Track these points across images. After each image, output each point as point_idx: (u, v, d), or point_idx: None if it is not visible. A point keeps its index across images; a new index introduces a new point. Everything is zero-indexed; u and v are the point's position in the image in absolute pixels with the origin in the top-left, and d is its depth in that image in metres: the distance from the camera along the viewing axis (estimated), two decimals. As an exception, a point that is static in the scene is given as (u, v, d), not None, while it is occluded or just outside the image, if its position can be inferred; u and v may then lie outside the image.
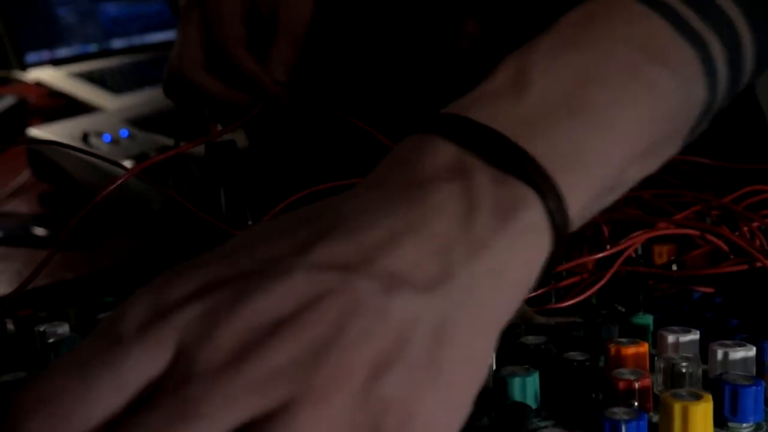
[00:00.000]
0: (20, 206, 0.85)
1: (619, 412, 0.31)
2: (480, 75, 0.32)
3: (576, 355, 0.36)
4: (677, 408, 0.31)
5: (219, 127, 0.54)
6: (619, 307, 0.43)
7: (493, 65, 0.32)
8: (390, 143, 0.50)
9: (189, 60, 0.57)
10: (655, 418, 0.33)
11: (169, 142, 0.81)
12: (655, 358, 0.36)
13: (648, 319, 0.41)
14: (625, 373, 0.34)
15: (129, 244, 0.77)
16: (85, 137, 0.85)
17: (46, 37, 1.15)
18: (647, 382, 0.34)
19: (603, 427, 0.30)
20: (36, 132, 0.88)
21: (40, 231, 0.80)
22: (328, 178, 0.50)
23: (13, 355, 0.42)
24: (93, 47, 1.20)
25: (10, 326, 0.46)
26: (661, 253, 0.48)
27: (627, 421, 0.30)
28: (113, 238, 0.76)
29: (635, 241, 0.41)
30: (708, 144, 0.57)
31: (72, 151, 0.82)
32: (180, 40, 0.58)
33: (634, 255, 0.42)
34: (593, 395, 0.36)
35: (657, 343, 0.38)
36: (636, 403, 0.33)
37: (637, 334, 0.40)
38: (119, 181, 0.41)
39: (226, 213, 0.53)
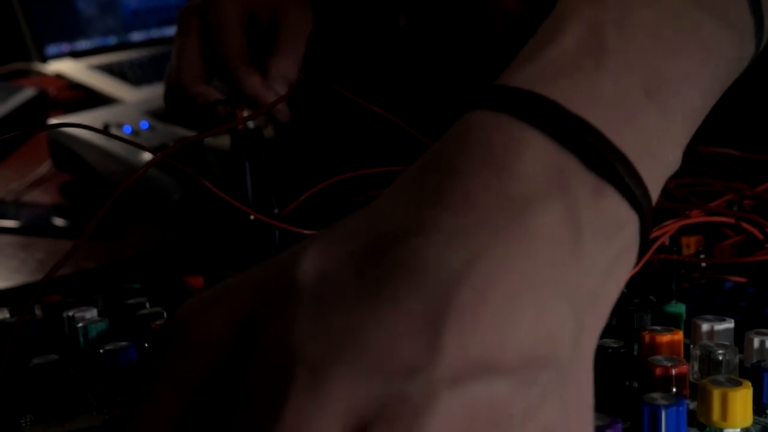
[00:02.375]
0: (41, 196, 0.85)
1: (657, 398, 0.31)
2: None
3: (610, 343, 0.35)
4: (716, 394, 0.31)
5: (245, 113, 0.54)
6: (651, 297, 0.42)
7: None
8: (416, 133, 0.50)
9: (188, 71, 0.55)
10: (692, 406, 0.33)
11: (189, 134, 0.81)
12: (691, 346, 0.36)
13: (681, 308, 0.40)
14: (662, 359, 0.34)
15: (149, 234, 0.76)
16: (105, 129, 0.85)
17: (66, 30, 1.15)
18: (684, 368, 0.33)
19: (642, 412, 0.30)
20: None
21: (60, 221, 0.80)
22: (355, 166, 0.50)
23: (42, 340, 0.42)
24: (112, 40, 1.20)
25: (38, 312, 0.46)
26: (689, 244, 0.47)
27: (666, 407, 0.30)
28: (134, 228, 0.76)
29: (668, 229, 0.41)
30: (734, 135, 0.56)
31: (92, 142, 0.82)
32: (178, 49, 0.56)
33: (666, 243, 0.42)
34: (627, 383, 0.35)
35: (691, 332, 0.38)
36: (674, 389, 0.32)
37: (670, 322, 0.39)
38: (149, 164, 0.41)
39: (253, 201, 0.53)
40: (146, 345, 0.39)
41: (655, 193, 0.27)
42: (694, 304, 0.42)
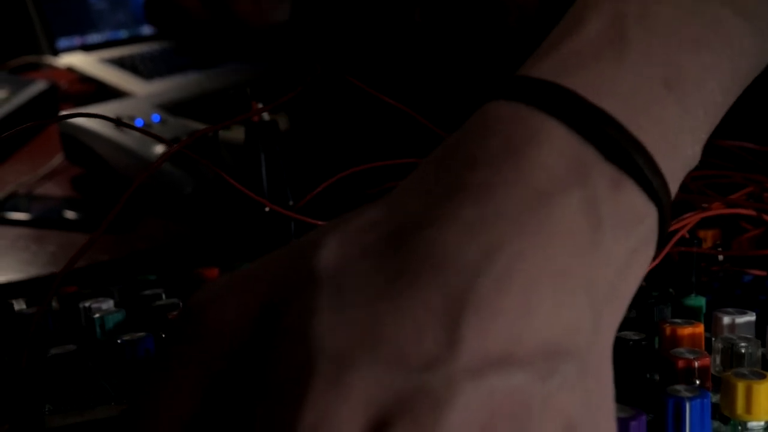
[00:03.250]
0: (53, 189, 0.85)
1: (681, 390, 0.30)
2: (529, 53, 0.30)
3: (631, 335, 0.35)
4: (741, 387, 0.31)
5: (260, 106, 0.53)
6: (670, 290, 0.42)
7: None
8: (432, 126, 0.49)
9: None
10: (714, 399, 0.32)
11: (202, 126, 0.80)
12: (713, 339, 0.36)
13: (701, 301, 0.40)
14: (684, 352, 0.34)
15: (162, 227, 0.77)
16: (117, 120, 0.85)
17: (77, 23, 1.15)
18: (707, 361, 0.33)
19: (666, 405, 0.30)
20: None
21: (71, 214, 0.80)
22: (369, 158, 0.50)
23: (59, 330, 0.42)
24: (124, 33, 1.20)
25: (54, 303, 0.46)
26: (706, 238, 0.47)
27: (691, 399, 0.30)
28: (146, 221, 0.76)
29: (688, 221, 0.40)
30: (752, 128, 0.56)
31: (104, 135, 0.82)
32: None
33: (687, 236, 0.41)
34: (648, 375, 0.35)
35: (712, 325, 0.38)
36: (697, 382, 0.32)
37: (690, 316, 0.39)
38: (166, 155, 0.40)
39: (268, 192, 0.53)
40: (163, 336, 0.39)
41: (674, 186, 0.27)
42: (714, 297, 0.41)
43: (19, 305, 0.45)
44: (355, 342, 0.21)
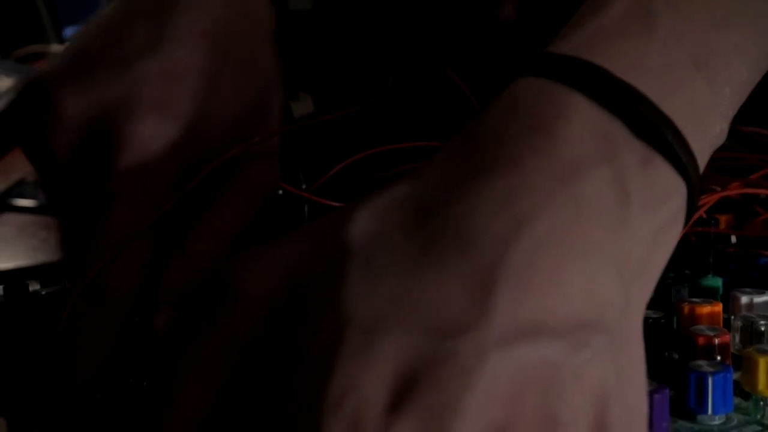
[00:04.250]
0: (61, 177, 0.85)
1: (703, 365, 0.30)
2: (524, 46, 0.30)
3: (650, 313, 0.35)
4: (763, 362, 0.31)
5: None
6: (686, 271, 0.42)
7: (540, 36, 0.29)
8: (475, 102, 0.49)
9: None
10: (734, 376, 0.32)
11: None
12: (732, 318, 0.36)
13: (718, 282, 0.40)
14: (704, 329, 0.34)
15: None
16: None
17: (83, 12, 1.15)
18: (727, 338, 0.33)
19: (688, 379, 0.30)
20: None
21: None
22: (384, 141, 0.50)
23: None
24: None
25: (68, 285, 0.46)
26: (720, 222, 0.47)
27: (713, 374, 0.30)
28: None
29: (707, 200, 0.40)
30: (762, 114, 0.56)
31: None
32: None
33: (704, 216, 0.41)
34: (667, 353, 0.35)
35: (729, 305, 0.38)
36: (718, 358, 0.32)
37: (707, 296, 0.39)
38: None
39: (281, 176, 0.52)
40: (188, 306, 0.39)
41: (702, 163, 0.27)
42: (730, 278, 0.41)
43: (33, 286, 0.45)
44: (385, 310, 0.21)
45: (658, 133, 0.25)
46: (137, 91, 0.34)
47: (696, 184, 0.26)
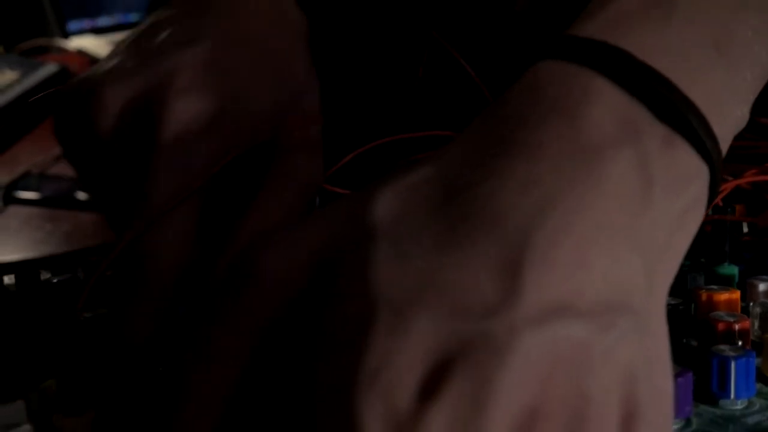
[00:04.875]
0: (66, 170, 0.85)
1: (726, 349, 0.30)
2: (538, 36, 0.30)
3: (668, 300, 0.35)
4: (784, 347, 0.30)
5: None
6: (702, 259, 0.42)
7: (553, 26, 0.29)
8: (490, 97, 0.49)
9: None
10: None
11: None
12: (751, 304, 0.36)
13: (733, 270, 0.40)
14: (723, 315, 0.33)
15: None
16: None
17: (88, 6, 1.15)
18: (747, 323, 0.33)
19: (711, 364, 0.30)
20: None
21: (83, 195, 0.80)
22: (395, 130, 0.50)
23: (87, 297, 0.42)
24: (134, 16, 1.20)
25: (80, 273, 0.46)
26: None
27: (736, 358, 0.29)
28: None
29: (723, 188, 0.40)
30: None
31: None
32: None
33: (720, 204, 0.41)
34: (685, 340, 0.35)
35: (747, 292, 0.38)
36: (739, 343, 0.32)
37: (723, 284, 0.39)
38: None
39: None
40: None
41: (724, 147, 0.27)
42: (745, 266, 0.41)
43: (44, 275, 0.45)
44: (415, 290, 0.21)
45: (680, 116, 0.25)
46: (175, 75, 0.35)
47: (719, 168, 0.26)
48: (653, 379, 0.23)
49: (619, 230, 0.23)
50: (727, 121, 0.27)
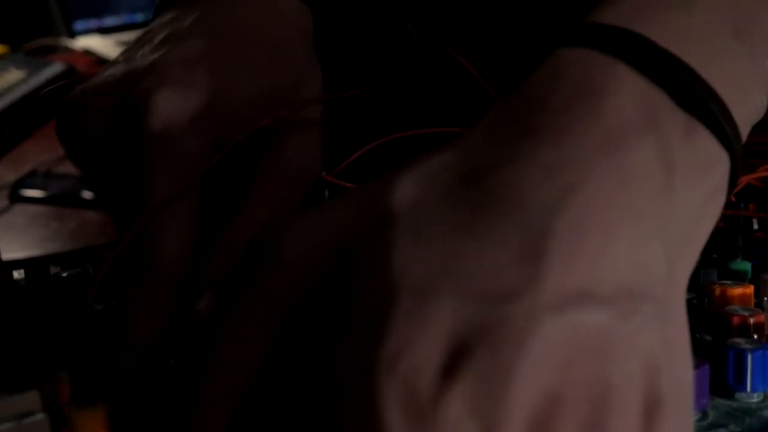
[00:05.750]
0: (72, 168, 0.85)
1: (742, 342, 0.30)
2: (544, 33, 0.30)
3: (681, 294, 0.35)
4: (801, 340, 0.30)
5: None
6: (714, 255, 0.42)
7: (560, 20, 0.30)
8: (493, 93, 0.49)
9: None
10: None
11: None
12: (765, 299, 0.35)
13: (746, 266, 0.40)
14: (738, 309, 0.33)
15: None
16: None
17: (94, 6, 1.15)
18: (762, 318, 0.33)
19: (727, 356, 0.29)
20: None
21: (88, 194, 0.80)
22: (405, 126, 0.50)
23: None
24: (140, 17, 1.20)
25: (90, 268, 0.46)
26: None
27: (753, 350, 0.29)
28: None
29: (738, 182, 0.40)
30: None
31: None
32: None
33: (733, 199, 0.41)
34: (698, 335, 0.35)
35: (760, 287, 0.37)
36: (756, 336, 0.32)
37: (735, 279, 0.39)
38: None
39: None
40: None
41: (743, 135, 0.27)
42: (759, 262, 0.41)
43: (54, 269, 0.45)
44: (435, 274, 0.21)
45: (701, 102, 0.25)
46: (156, 72, 0.35)
47: (739, 155, 0.26)
48: (674, 369, 0.22)
49: (642, 218, 0.23)
50: (747, 109, 0.27)
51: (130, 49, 0.38)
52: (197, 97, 0.35)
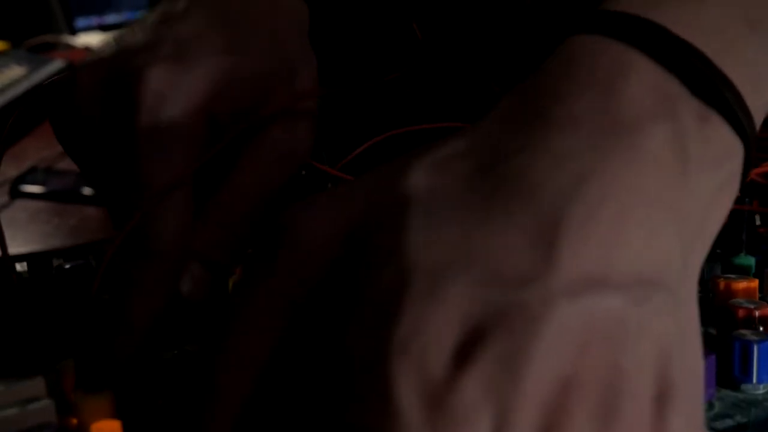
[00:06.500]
0: (72, 164, 0.85)
1: (747, 334, 0.30)
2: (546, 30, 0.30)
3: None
4: (807, 332, 0.30)
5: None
6: (717, 250, 0.42)
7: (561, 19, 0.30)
8: (497, 88, 0.49)
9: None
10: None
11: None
12: (769, 294, 0.36)
13: (750, 260, 0.40)
14: (743, 302, 0.33)
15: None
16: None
17: (95, 3, 1.15)
18: (767, 310, 0.33)
19: (733, 347, 0.29)
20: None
21: (88, 190, 0.80)
22: (408, 121, 0.50)
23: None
24: (141, 13, 1.20)
25: (93, 261, 0.46)
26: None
27: (759, 342, 0.29)
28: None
29: (741, 178, 0.40)
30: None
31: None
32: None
33: (738, 194, 0.41)
34: (703, 329, 0.35)
35: (764, 282, 0.37)
36: (761, 329, 0.32)
37: (739, 274, 0.39)
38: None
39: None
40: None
41: (757, 124, 0.26)
42: (762, 257, 0.41)
43: (57, 261, 0.45)
44: (450, 258, 0.21)
45: (716, 91, 0.25)
46: (152, 50, 0.35)
47: (753, 144, 0.26)
48: (686, 355, 0.22)
49: (656, 205, 0.23)
50: (760, 98, 0.27)
51: (123, 33, 0.38)
52: (191, 73, 0.35)
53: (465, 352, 0.20)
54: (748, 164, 0.26)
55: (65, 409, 0.27)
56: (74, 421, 0.27)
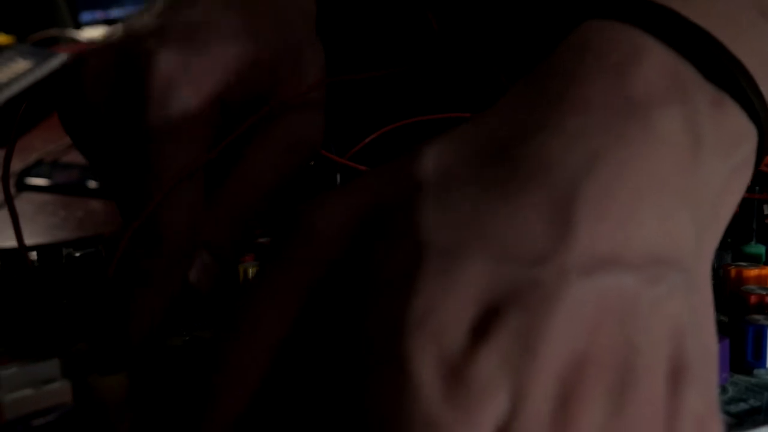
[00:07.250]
0: (78, 157, 0.85)
1: (761, 319, 0.30)
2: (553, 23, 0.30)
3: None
4: (819, 318, 0.30)
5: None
6: (728, 239, 0.42)
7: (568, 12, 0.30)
8: (505, 79, 0.49)
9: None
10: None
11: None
12: (781, 280, 0.36)
13: (761, 249, 0.40)
14: (755, 288, 0.33)
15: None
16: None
17: (100, -2, 1.15)
18: (779, 297, 0.33)
19: (746, 332, 0.30)
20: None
21: (93, 183, 0.80)
22: (414, 112, 0.50)
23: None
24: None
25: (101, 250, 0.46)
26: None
27: (772, 326, 0.29)
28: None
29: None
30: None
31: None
32: None
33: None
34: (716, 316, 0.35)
35: (775, 270, 0.37)
36: (773, 315, 0.32)
37: (750, 262, 0.39)
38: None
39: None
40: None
41: None
42: (772, 246, 0.41)
43: (66, 251, 0.45)
44: (464, 237, 0.21)
45: (730, 75, 0.25)
46: (161, 33, 0.35)
47: (767, 130, 0.26)
48: (700, 335, 0.22)
49: (670, 187, 0.23)
50: None
51: (131, 19, 0.38)
52: (201, 57, 0.35)
53: (481, 328, 0.20)
54: (763, 150, 0.26)
55: (81, 390, 0.27)
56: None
